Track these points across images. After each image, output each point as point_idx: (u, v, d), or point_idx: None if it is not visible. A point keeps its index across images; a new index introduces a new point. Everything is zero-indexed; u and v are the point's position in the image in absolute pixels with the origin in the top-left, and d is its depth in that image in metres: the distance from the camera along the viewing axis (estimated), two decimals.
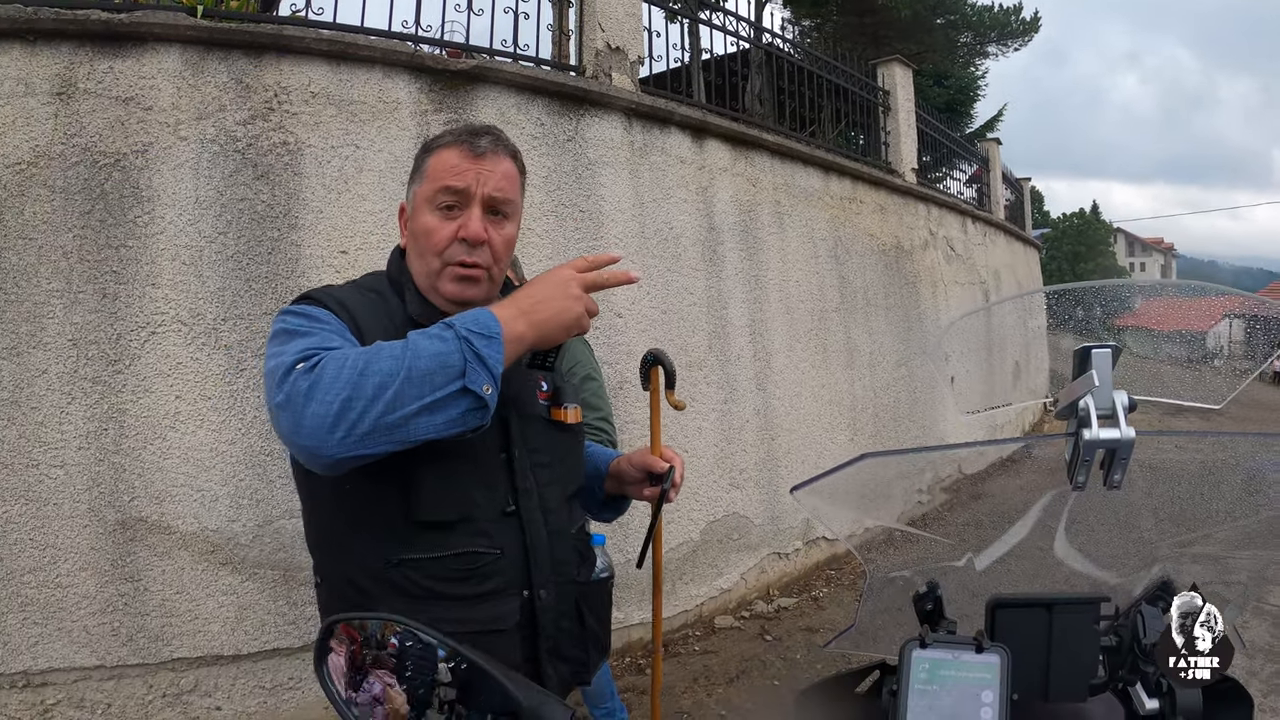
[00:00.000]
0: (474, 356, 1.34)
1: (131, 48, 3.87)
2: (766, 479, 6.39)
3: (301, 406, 1.31)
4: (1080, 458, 1.20)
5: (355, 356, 1.34)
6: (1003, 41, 22.01)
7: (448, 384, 1.32)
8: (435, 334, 1.36)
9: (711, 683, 4.83)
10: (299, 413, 1.31)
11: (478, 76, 4.73)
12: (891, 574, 1.51)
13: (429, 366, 1.32)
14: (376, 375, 1.30)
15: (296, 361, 1.36)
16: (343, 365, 1.32)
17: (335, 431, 1.29)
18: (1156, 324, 1.56)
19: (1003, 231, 13.59)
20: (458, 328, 1.36)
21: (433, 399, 1.31)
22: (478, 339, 1.35)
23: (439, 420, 1.33)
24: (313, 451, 1.32)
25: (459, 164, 1.62)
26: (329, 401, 1.29)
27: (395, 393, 1.30)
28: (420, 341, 1.35)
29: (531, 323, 1.43)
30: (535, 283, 1.48)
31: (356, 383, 1.30)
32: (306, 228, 4.12)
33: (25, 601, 3.63)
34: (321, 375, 1.32)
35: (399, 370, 1.31)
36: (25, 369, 3.65)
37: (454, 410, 1.34)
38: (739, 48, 7.67)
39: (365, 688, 1.07)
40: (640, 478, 1.89)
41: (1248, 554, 1.48)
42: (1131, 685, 1.31)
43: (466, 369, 1.33)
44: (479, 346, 1.34)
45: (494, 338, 1.36)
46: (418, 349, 1.33)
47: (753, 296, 6.40)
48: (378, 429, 1.30)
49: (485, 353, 1.34)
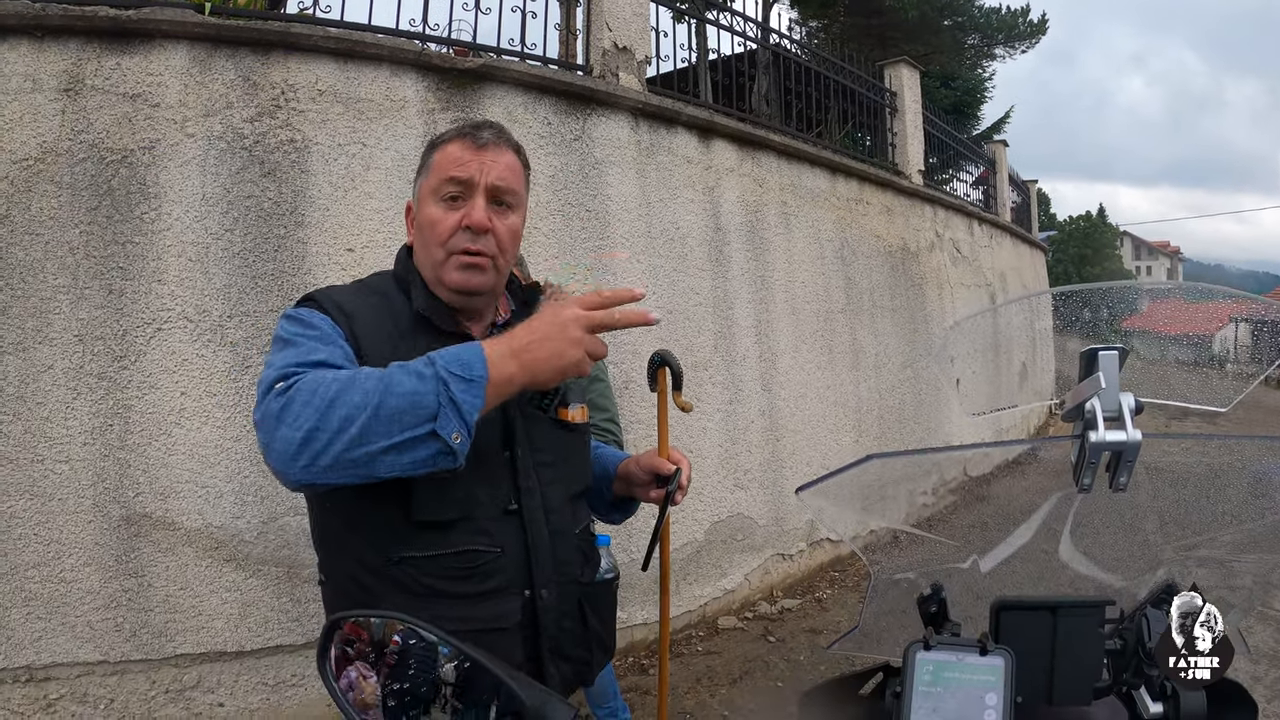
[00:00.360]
0: (449, 401, 1.29)
1: (139, 44, 3.88)
2: (771, 480, 6.38)
3: (272, 429, 1.30)
4: (1086, 460, 1.20)
5: (329, 383, 1.31)
6: (1010, 43, 21.96)
7: (417, 426, 1.28)
8: (415, 369, 1.32)
9: (715, 683, 4.83)
10: (269, 434, 1.30)
11: (485, 75, 4.73)
12: (896, 576, 1.50)
13: (400, 405, 1.28)
14: (345, 407, 1.27)
15: (277, 379, 1.35)
16: (314, 391, 1.29)
17: (299, 459, 1.27)
18: (1163, 326, 1.55)
19: (1009, 234, 13.57)
20: (439, 366, 1.31)
21: (400, 439, 1.28)
22: (456, 382, 1.30)
23: (404, 460, 1.29)
24: (277, 474, 1.31)
25: (462, 155, 1.62)
26: (296, 427, 1.27)
27: (361, 428, 1.26)
28: (397, 376, 1.31)
29: (523, 364, 1.36)
30: (536, 319, 1.41)
31: (325, 412, 1.27)
32: (313, 225, 4.12)
33: (29, 596, 3.64)
34: (293, 399, 1.30)
35: (368, 404, 1.27)
36: (31, 364, 3.66)
37: (422, 452, 1.30)
38: (746, 48, 7.67)
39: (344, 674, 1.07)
40: (647, 479, 1.88)
41: (1252, 558, 1.48)
42: (1136, 689, 1.30)
43: (439, 413, 1.28)
44: (455, 391, 1.29)
45: (474, 381, 1.31)
46: (392, 384, 1.29)
47: (759, 297, 6.39)
48: (340, 463, 1.27)
49: (461, 398, 1.29)
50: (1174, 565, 1.39)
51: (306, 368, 1.38)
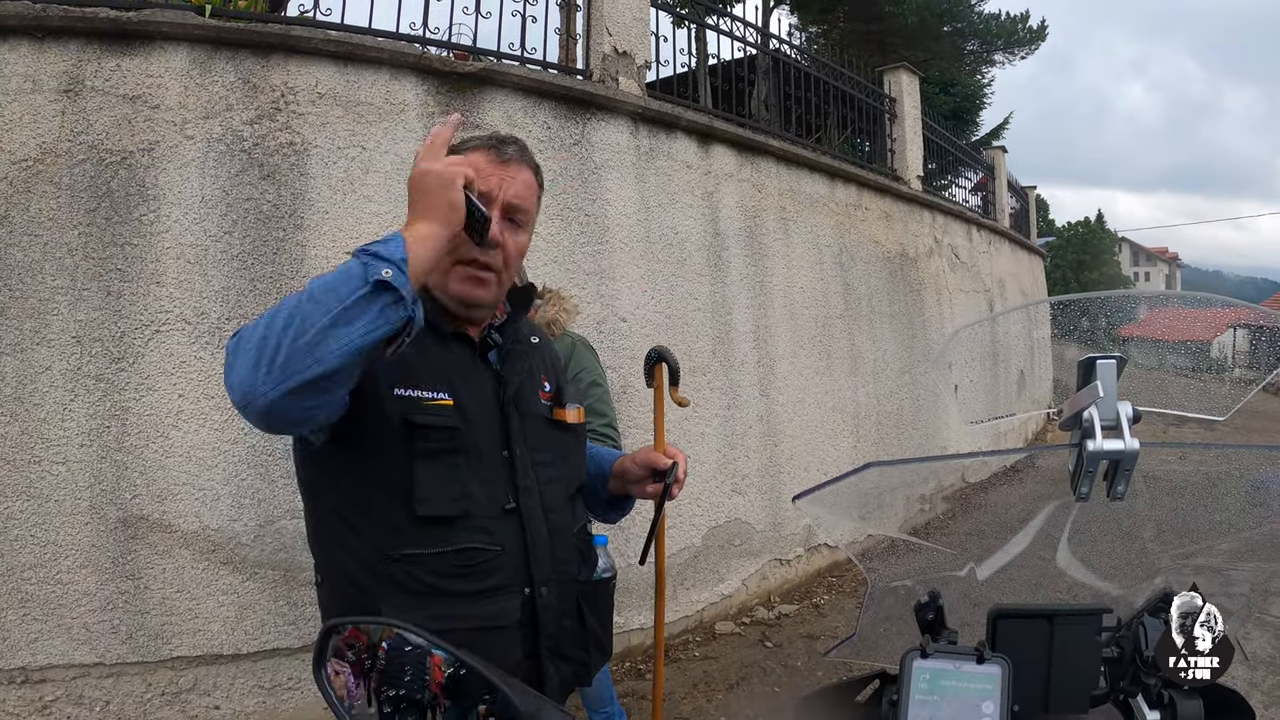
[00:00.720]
0: (370, 256, 1.32)
1: (139, 46, 3.88)
2: (769, 485, 6.38)
3: (231, 366, 1.33)
4: (1084, 468, 1.20)
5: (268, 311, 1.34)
6: (1009, 50, 22.00)
7: (352, 292, 1.29)
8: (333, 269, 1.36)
9: (711, 689, 4.82)
10: (230, 372, 1.33)
11: (485, 79, 4.73)
12: (893, 583, 1.50)
13: (329, 282, 1.31)
14: (284, 311, 1.30)
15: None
16: (259, 320, 1.33)
17: (258, 371, 1.28)
18: (1161, 334, 1.55)
19: (1007, 239, 13.58)
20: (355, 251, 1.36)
21: (340, 309, 1.28)
22: (373, 245, 1.35)
23: (356, 330, 1.29)
24: (248, 401, 1.31)
25: (485, 168, 1.64)
26: (249, 349, 1.30)
27: (303, 316, 1.28)
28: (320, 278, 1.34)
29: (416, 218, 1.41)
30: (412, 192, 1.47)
31: (268, 323, 1.30)
32: (312, 228, 4.12)
33: (25, 598, 3.63)
34: (243, 332, 1.34)
35: (300, 298, 1.31)
36: (29, 365, 3.66)
37: (369, 313, 1.30)
38: (746, 53, 7.68)
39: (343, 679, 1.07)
40: (644, 475, 1.89)
41: (1250, 566, 1.48)
42: (1133, 696, 1.30)
43: (367, 269, 1.31)
44: (374, 247, 1.34)
45: (390, 240, 1.35)
46: (317, 280, 1.33)
47: (757, 302, 6.40)
48: (294, 354, 1.27)
49: (380, 249, 1.33)
50: (1171, 573, 1.40)
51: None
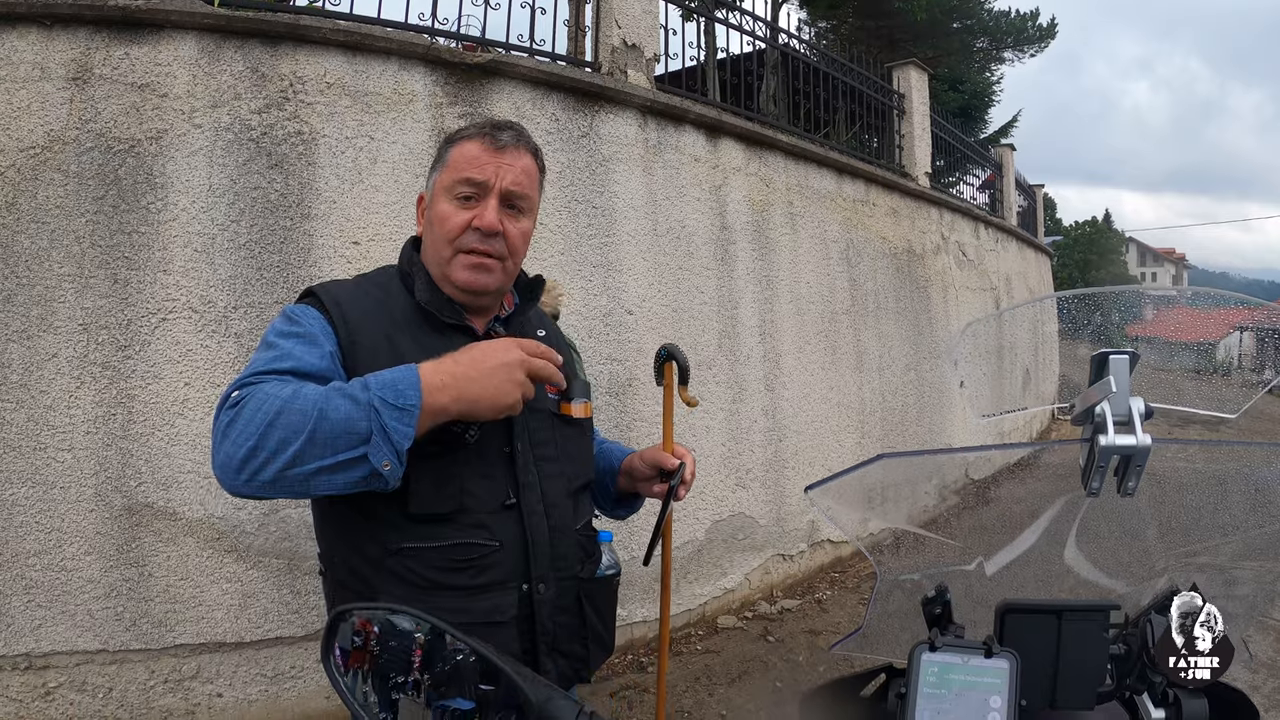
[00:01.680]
0: (380, 430, 1.32)
1: (148, 34, 3.88)
2: (773, 480, 6.38)
3: (218, 443, 1.35)
4: (1095, 463, 1.19)
5: (272, 401, 1.33)
6: (1019, 47, 21.96)
7: (350, 449, 1.32)
8: (350, 393, 1.35)
9: (713, 682, 4.82)
10: (216, 449, 1.35)
11: (494, 70, 4.72)
12: (901, 577, 1.50)
13: (333, 430, 1.31)
14: (282, 429, 1.31)
15: (234, 390, 1.39)
16: (258, 410, 1.33)
17: (240, 474, 1.32)
18: (1173, 333, 1.55)
19: (1015, 238, 13.55)
20: (373, 392, 1.34)
21: (334, 461, 1.32)
22: (388, 411, 1.33)
23: (339, 480, 1.34)
24: (221, 483, 1.36)
25: (480, 156, 1.64)
26: (238, 444, 1.31)
27: (297, 451, 1.30)
28: (334, 400, 1.34)
29: (460, 396, 1.40)
30: (479, 351, 1.45)
31: (264, 433, 1.31)
32: (319, 218, 4.12)
33: (30, 584, 3.64)
34: (239, 416, 1.34)
35: (305, 427, 1.31)
36: (35, 353, 3.66)
37: (356, 474, 1.34)
38: (754, 47, 7.66)
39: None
40: (651, 474, 1.89)
41: (1253, 565, 1.47)
42: (1139, 694, 1.30)
43: (371, 439, 1.32)
44: (387, 419, 1.32)
45: (407, 410, 1.34)
46: (328, 408, 1.32)
47: (764, 297, 6.39)
48: (279, 480, 1.32)
49: (392, 426, 1.32)
50: (1176, 572, 1.39)
51: (268, 377, 1.42)
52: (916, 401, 8.69)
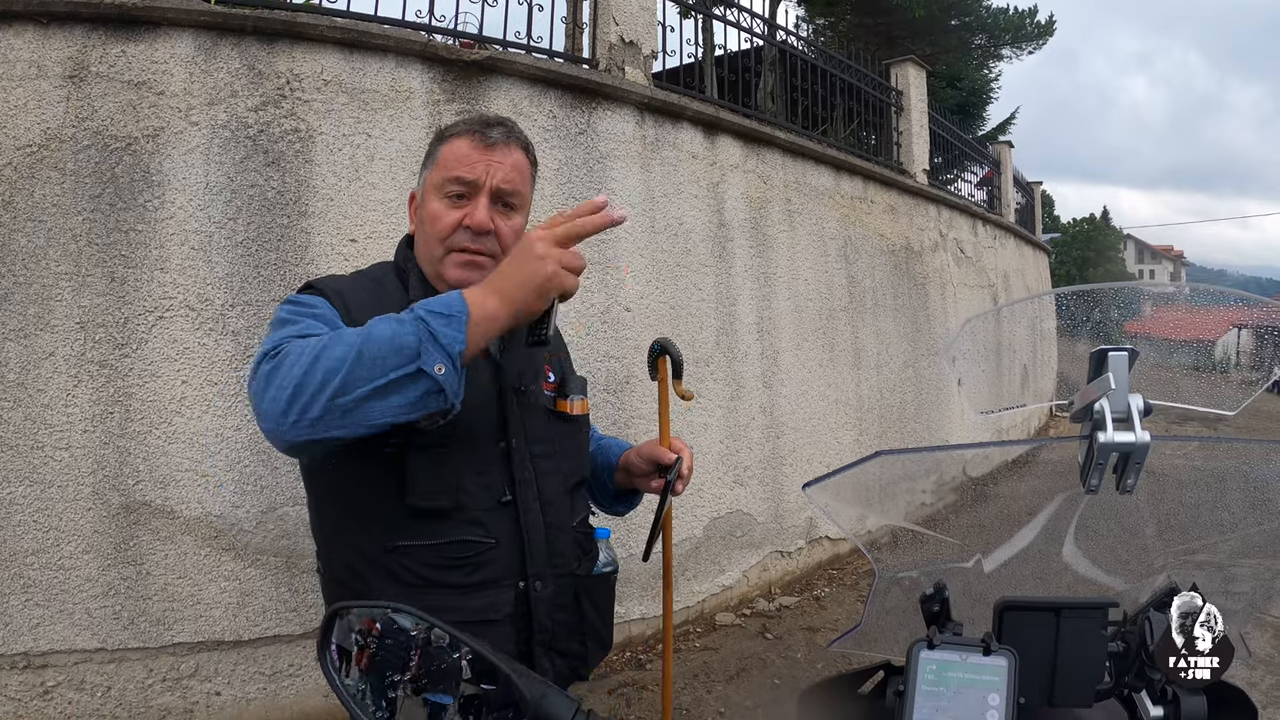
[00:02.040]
0: (429, 336, 1.28)
1: (144, 32, 3.87)
2: (771, 477, 6.38)
3: (262, 392, 1.31)
4: (1094, 461, 1.19)
5: (315, 343, 1.31)
6: (1017, 44, 21.97)
7: (401, 366, 1.27)
8: (395, 317, 1.32)
9: (711, 679, 4.83)
10: (260, 399, 1.32)
11: (491, 68, 4.71)
12: (900, 574, 1.50)
13: (381, 350, 1.27)
14: (328, 360, 1.27)
15: (268, 351, 1.36)
16: (301, 352, 1.30)
17: (288, 415, 1.28)
18: (1172, 330, 1.54)
19: (1013, 235, 13.55)
20: (418, 309, 1.32)
21: (384, 381, 1.27)
22: (436, 319, 1.29)
23: (394, 404, 1.28)
24: (271, 434, 1.32)
25: (469, 154, 1.62)
26: (284, 387, 1.28)
27: (345, 376, 1.26)
28: (377, 325, 1.31)
29: (500, 294, 1.35)
30: (505, 259, 1.41)
31: (309, 367, 1.28)
32: (316, 215, 4.11)
33: (28, 583, 3.64)
34: (281, 363, 1.31)
35: (350, 353, 1.27)
36: (32, 351, 3.65)
37: (410, 393, 1.29)
38: (752, 45, 7.66)
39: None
40: (648, 469, 1.88)
41: (1251, 563, 1.47)
42: (1137, 691, 1.30)
43: (421, 349, 1.28)
44: (436, 326, 1.29)
45: (454, 316, 1.30)
46: (372, 332, 1.30)
47: (761, 294, 6.39)
48: (329, 412, 1.27)
49: (441, 331, 1.29)
50: (1174, 569, 1.39)
51: (295, 339, 1.39)
52: (914, 399, 8.69)
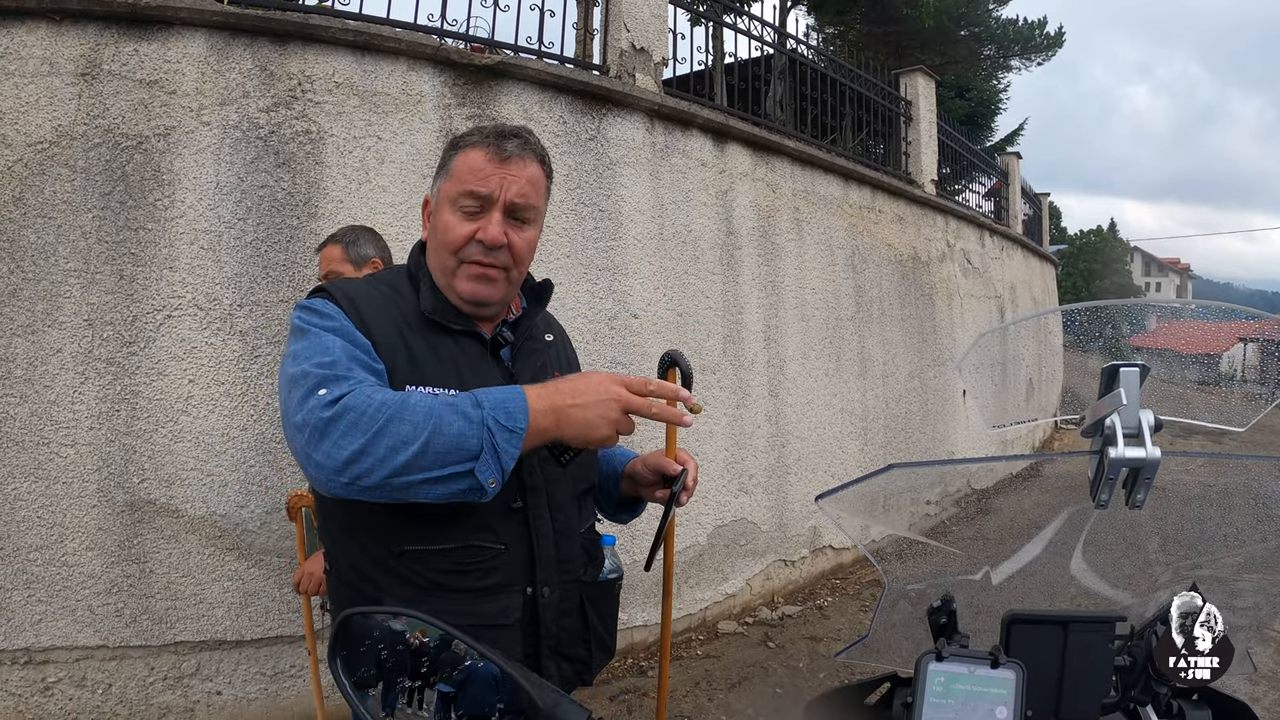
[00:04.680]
0: (491, 448, 1.35)
1: (157, 31, 3.88)
2: (775, 485, 6.37)
3: (316, 439, 1.34)
4: (1105, 476, 1.19)
5: (379, 408, 1.35)
6: (1026, 55, 21.92)
7: (458, 464, 1.34)
8: (463, 410, 1.36)
9: (713, 687, 4.82)
10: (312, 444, 1.34)
11: (502, 72, 4.73)
12: (908, 586, 1.50)
13: (446, 445, 1.33)
14: (392, 437, 1.32)
15: (319, 384, 1.39)
16: (363, 413, 1.34)
17: (342, 475, 1.33)
18: (1182, 345, 1.54)
19: (1020, 246, 13.54)
20: (486, 410, 1.36)
21: (440, 474, 1.34)
22: (500, 431, 1.35)
23: (440, 491, 1.36)
24: (317, 481, 1.37)
25: (484, 168, 1.61)
26: (343, 446, 1.32)
27: (407, 460, 1.32)
28: (446, 415, 1.35)
29: (559, 422, 1.42)
30: (582, 381, 1.46)
31: (373, 439, 1.32)
32: (326, 217, 4.12)
33: (30, 579, 3.64)
34: (342, 415, 1.34)
35: (416, 438, 1.33)
36: (40, 347, 3.66)
37: (457, 487, 1.36)
38: (762, 53, 7.66)
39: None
40: (653, 479, 1.87)
41: (1255, 578, 1.47)
42: (1143, 706, 1.29)
43: (481, 457, 1.34)
44: (499, 440, 1.35)
45: (517, 433, 1.37)
46: (441, 422, 1.34)
47: (769, 302, 6.39)
48: (384, 486, 1.33)
49: (503, 447, 1.35)
50: (1180, 585, 1.39)
51: (340, 372, 1.42)
52: (920, 409, 8.67)
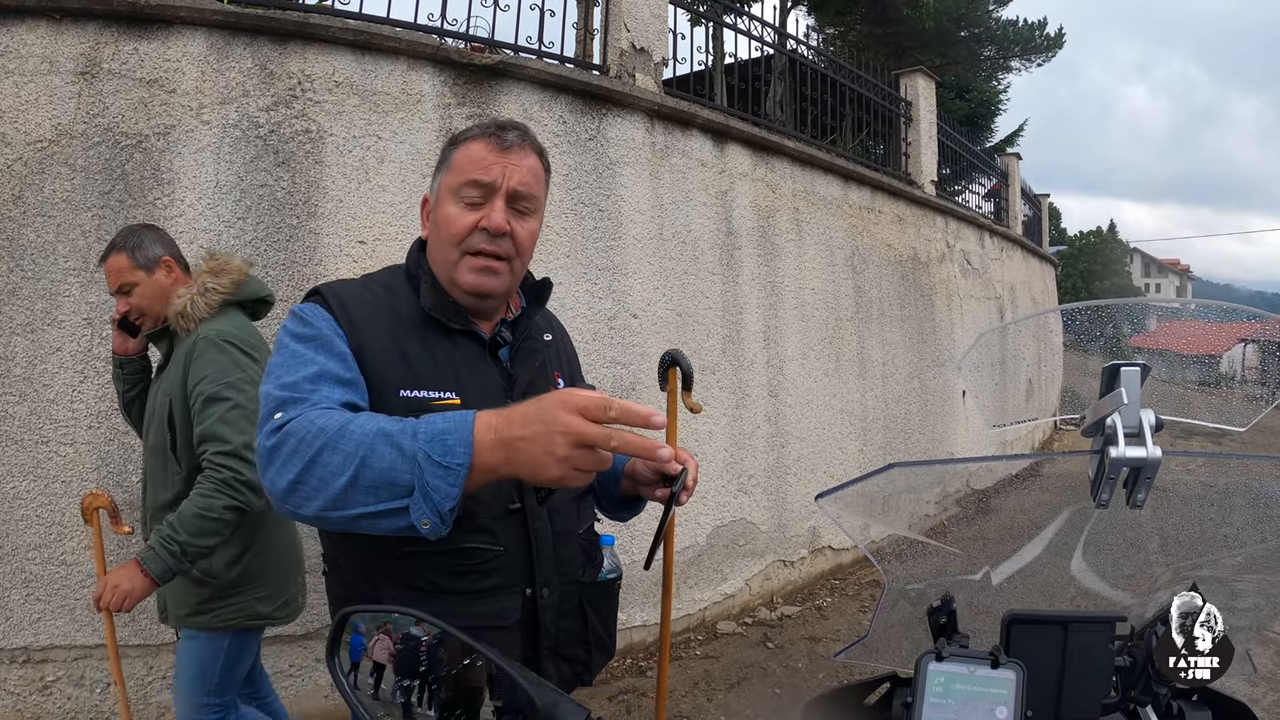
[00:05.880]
0: (422, 487, 1.20)
1: (157, 30, 3.88)
2: (775, 486, 6.37)
3: (264, 465, 1.33)
4: (1105, 475, 1.19)
5: (315, 435, 1.28)
6: (1026, 56, 21.92)
7: (391, 499, 1.23)
8: (397, 441, 1.24)
9: (712, 688, 4.81)
10: (261, 470, 1.34)
11: (502, 72, 4.72)
12: (908, 586, 1.50)
13: (375, 479, 1.23)
14: (323, 468, 1.26)
15: (277, 407, 1.38)
16: (301, 440, 1.29)
17: (285, 504, 1.31)
18: (1183, 345, 1.54)
19: (1020, 247, 13.54)
20: (420, 442, 1.22)
21: (376, 510, 1.24)
22: (432, 469, 1.20)
23: (381, 526, 1.26)
24: (278, 508, 1.35)
25: (485, 157, 1.61)
26: (283, 474, 1.30)
27: (338, 493, 1.25)
28: (379, 446, 1.24)
29: (509, 458, 1.19)
30: (533, 408, 1.19)
31: (307, 468, 1.27)
32: (325, 216, 4.12)
33: (29, 578, 3.64)
34: (283, 443, 1.31)
35: (346, 469, 1.24)
36: (39, 346, 3.66)
37: (396, 523, 1.24)
38: (762, 53, 7.66)
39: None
40: (653, 478, 1.87)
41: (1254, 578, 1.47)
42: (1142, 706, 1.29)
43: (412, 496, 1.21)
44: (430, 477, 1.20)
45: (454, 469, 1.20)
46: (371, 454, 1.24)
47: (768, 303, 6.39)
48: (321, 518, 1.29)
49: (435, 485, 1.20)
50: (1180, 585, 1.39)
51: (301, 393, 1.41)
52: (920, 409, 8.67)
